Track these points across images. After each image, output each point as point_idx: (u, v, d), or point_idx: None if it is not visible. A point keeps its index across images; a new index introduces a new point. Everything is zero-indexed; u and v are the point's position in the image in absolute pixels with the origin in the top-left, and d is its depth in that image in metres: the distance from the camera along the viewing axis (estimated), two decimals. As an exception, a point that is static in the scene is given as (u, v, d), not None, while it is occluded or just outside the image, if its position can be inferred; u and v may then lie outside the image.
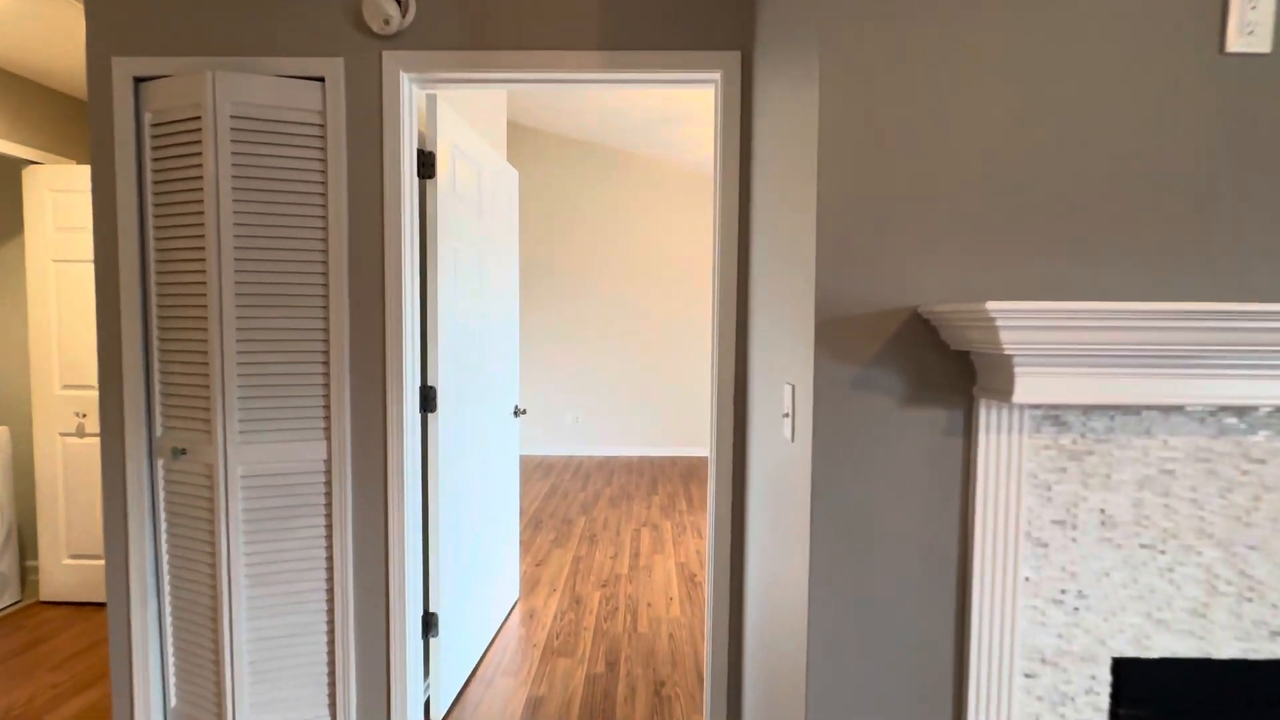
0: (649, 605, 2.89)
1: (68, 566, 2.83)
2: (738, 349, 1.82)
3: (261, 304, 1.74)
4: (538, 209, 6.08)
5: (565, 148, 6.00)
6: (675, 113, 4.72)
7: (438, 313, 1.96)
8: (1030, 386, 0.91)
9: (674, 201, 6.07)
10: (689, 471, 5.59)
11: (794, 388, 1.19)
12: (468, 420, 2.23)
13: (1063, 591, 1.04)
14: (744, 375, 1.82)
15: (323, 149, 1.77)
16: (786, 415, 1.23)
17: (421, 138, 1.99)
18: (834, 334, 1.04)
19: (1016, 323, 0.84)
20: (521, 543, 3.72)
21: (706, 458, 6.08)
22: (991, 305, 0.82)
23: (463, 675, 2.20)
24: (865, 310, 1.04)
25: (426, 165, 1.93)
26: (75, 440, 2.79)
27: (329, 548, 1.84)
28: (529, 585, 3.12)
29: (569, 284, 6.14)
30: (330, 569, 1.84)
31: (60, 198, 2.74)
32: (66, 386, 2.78)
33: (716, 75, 1.77)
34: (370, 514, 1.86)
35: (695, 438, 6.24)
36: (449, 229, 2.03)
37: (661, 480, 5.27)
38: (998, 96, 1.02)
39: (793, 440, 1.20)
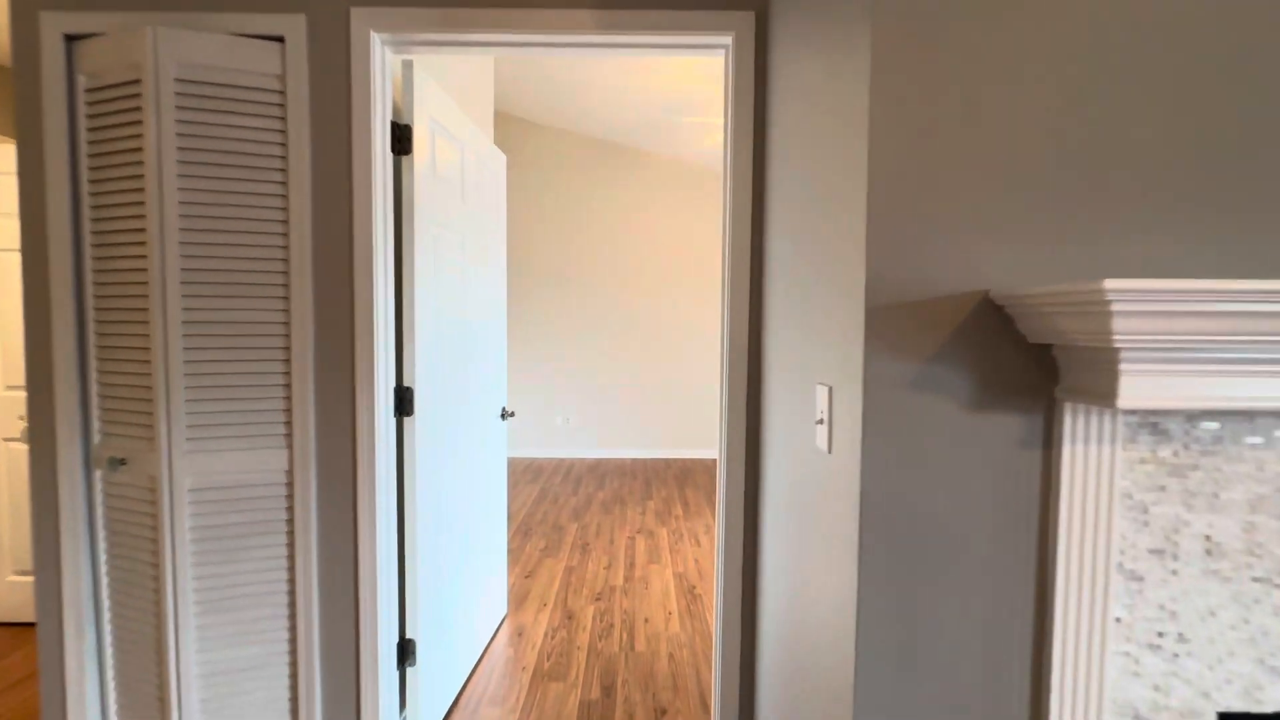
0: (646, 621, 2.71)
1: (12, 584, 2.59)
2: (750, 347, 1.64)
3: (212, 294, 1.53)
4: (525, 203, 5.87)
5: (556, 140, 5.80)
6: (675, 102, 4.54)
7: (415, 306, 1.76)
8: (1138, 387, 0.74)
9: (670, 198, 5.89)
10: (683, 474, 5.42)
11: (831, 390, 1.01)
12: (449, 424, 2.03)
13: (1160, 634, 0.87)
14: (757, 376, 1.64)
15: (283, 118, 1.56)
16: (820, 421, 1.04)
17: (396, 109, 1.79)
18: (887, 325, 0.86)
19: (1139, 306, 0.67)
20: (509, 552, 3.52)
21: (701, 460, 5.90)
22: (1111, 284, 0.64)
23: (443, 707, 2.00)
24: (924, 296, 0.86)
25: (402, 140, 1.72)
26: (20, 446, 2.56)
27: (291, 569, 1.63)
28: (517, 599, 2.92)
29: (558, 282, 5.94)
30: (292, 593, 1.64)
31: None
32: (10, 388, 2.55)
33: (727, 39, 1.58)
34: (338, 531, 1.65)
35: (689, 439, 6.07)
36: (428, 213, 1.83)
37: (655, 484, 5.09)
38: (1086, 44, 0.84)
39: (830, 450, 1.01)
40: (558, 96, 4.89)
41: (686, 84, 4.19)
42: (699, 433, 6.08)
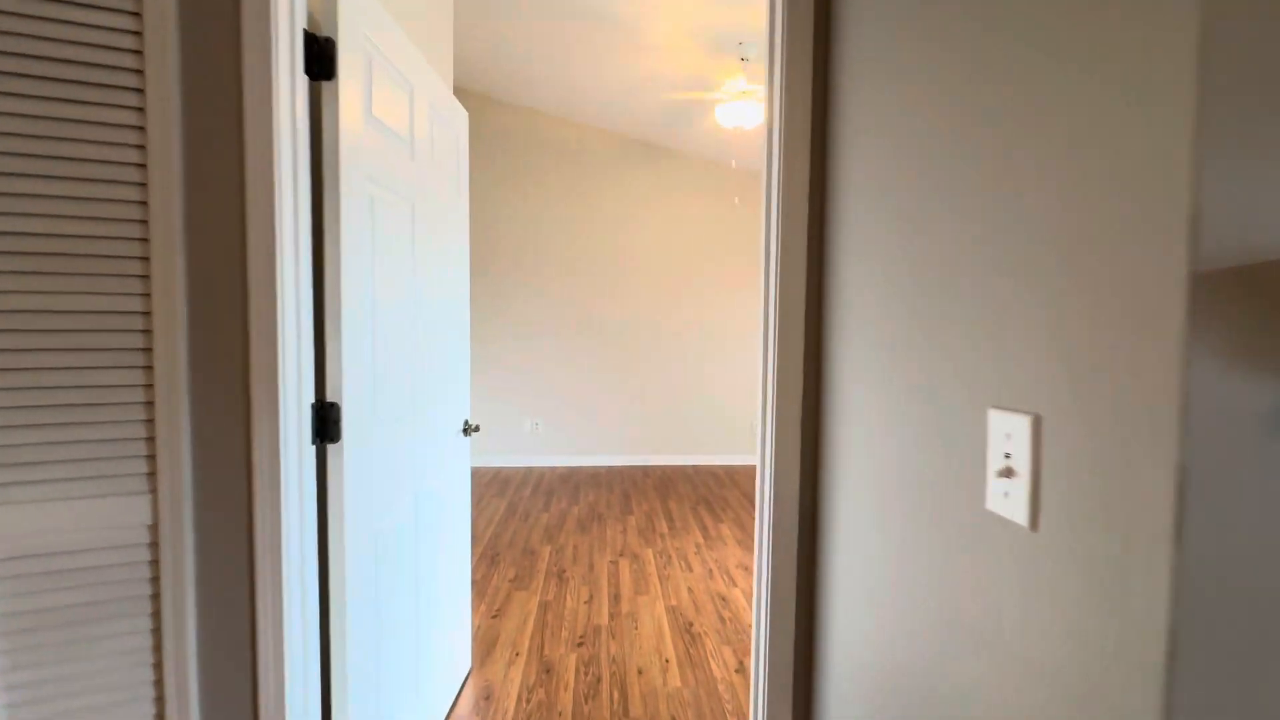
0: (640, 672, 2.27)
1: None
2: (809, 348, 1.22)
3: (21, 271, 1.03)
4: (487, 188, 5.36)
5: (526, 121, 5.30)
6: (662, 77, 4.11)
7: (342, 292, 1.28)
8: None
9: (654, 189, 5.46)
10: (664, 484, 5.00)
11: (1037, 421, 0.59)
12: (393, 447, 1.56)
13: None
14: (815, 388, 1.22)
15: (138, 13, 1.07)
16: (1007, 473, 0.63)
17: (313, 20, 1.31)
18: (1232, 309, 0.45)
19: None
20: (473, 582, 3.04)
21: (681, 467, 5.49)
22: None
23: (388, 820, 1.53)
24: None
25: (321, 60, 1.24)
26: None
27: (157, 666, 1.14)
28: (484, 648, 2.45)
29: (526, 277, 5.44)
30: (160, 699, 1.14)
31: None
32: None
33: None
34: (227, 605, 1.17)
35: (666, 445, 5.65)
36: (362, 165, 1.36)
37: (635, 496, 4.65)
38: None
39: (1035, 525, 0.60)
40: (527, 69, 4.40)
41: (675, 60, 3.77)
42: (679, 438, 5.67)
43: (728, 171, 5.46)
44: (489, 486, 4.85)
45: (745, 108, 3.47)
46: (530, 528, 3.87)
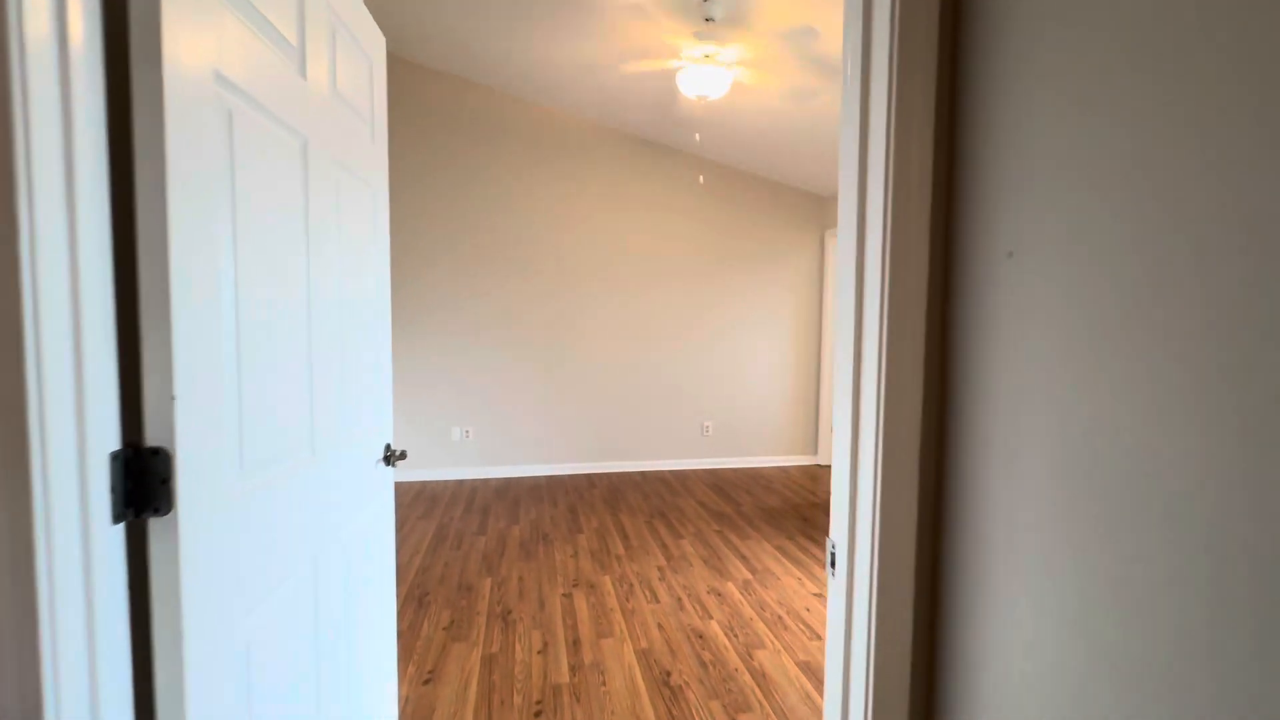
0: (616, 749, 1.84)
1: None
2: (930, 348, 0.82)
3: None
4: (409, 164, 4.71)
5: (458, 93, 4.68)
6: (611, 48, 3.64)
7: (172, 268, 0.76)
8: None
9: (604, 176, 4.98)
10: (613, 495, 4.56)
11: None
12: (273, 502, 1.04)
13: None
14: (938, 395, 0.83)
15: None
16: None
17: None
18: None
19: None
20: (399, 633, 2.49)
21: (628, 474, 5.08)
22: None
23: None
24: None
25: None
26: None
27: None
28: (414, 728, 1.93)
29: (453, 266, 4.84)
30: None
31: None
32: None
33: None
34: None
35: (612, 451, 5.22)
36: (209, 52, 0.84)
37: (582, 509, 4.19)
38: None
39: None
40: (460, 34, 3.82)
41: (629, 29, 3.32)
42: (625, 443, 5.25)
43: (688, 154, 5.09)
44: (413, 505, 4.23)
45: (709, 74, 3.08)
46: (465, 556, 3.33)
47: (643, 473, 5.22)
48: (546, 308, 5.01)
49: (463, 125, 4.74)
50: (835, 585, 0.92)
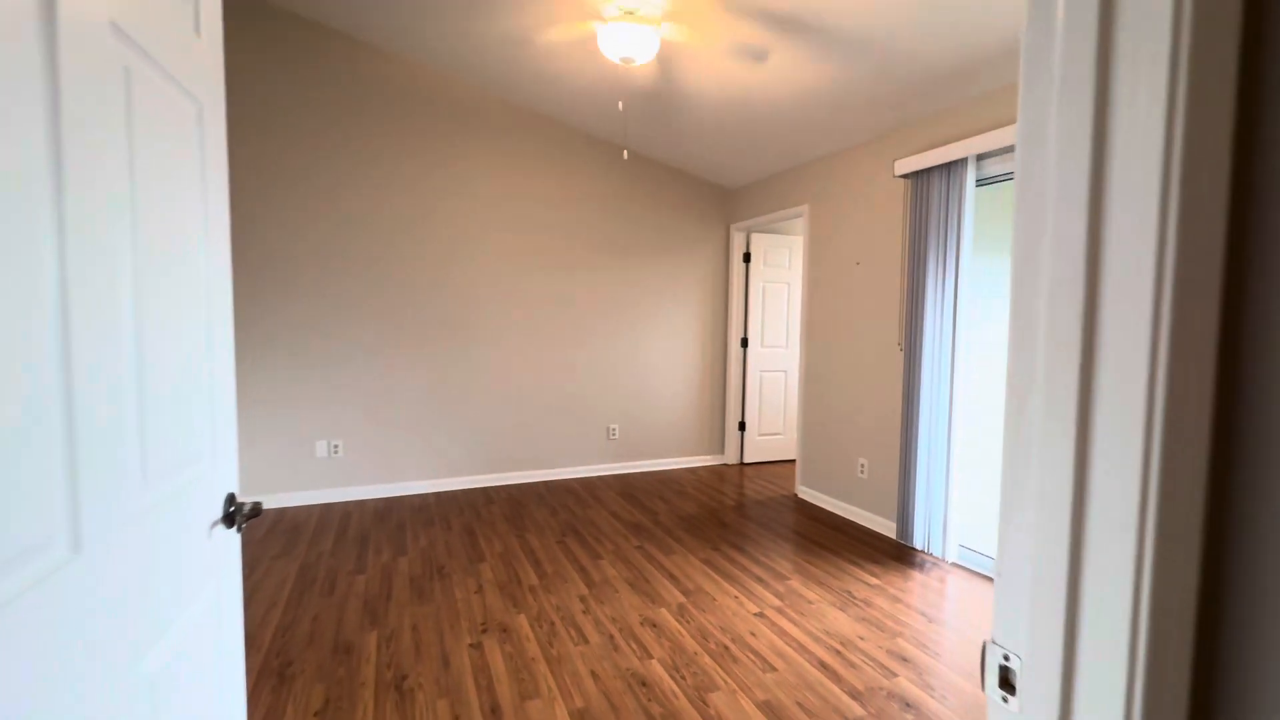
0: None
1: None
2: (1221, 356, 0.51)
3: None
4: (257, 128, 3.86)
5: (317, 43, 3.88)
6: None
7: None
8: None
9: (506, 153, 4.40)
10: (515, 510, 4.06)
11: None
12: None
13: None
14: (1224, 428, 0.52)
15: None
16: None
17: None
18: None
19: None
20: (251, 731, 1.87)
21: (532, 484, 4.60)
22: None
23: None
24: None
25: None
26: None
27: None
28: None
29: (311, 253, 4.06)
30: None
31: None
32: None
33: None
34: None
35: (512, 459, 4.71)
36: None
37: (482, 531, 3.66)
38: None
39: None
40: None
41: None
42: (527, 451, 4.75)
43: (602, 139, 4.66)
44: (269, 540, 3.45)
45: (633, 32, 2.71)
46: (341, 604, 2.70)
47: (546, 483, 4.75)
48: (434, 303, 4.37)
49: (328, 86, 3.97)
50: None
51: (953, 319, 3.15)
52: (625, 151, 2.73)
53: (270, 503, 4.02)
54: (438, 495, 4.37)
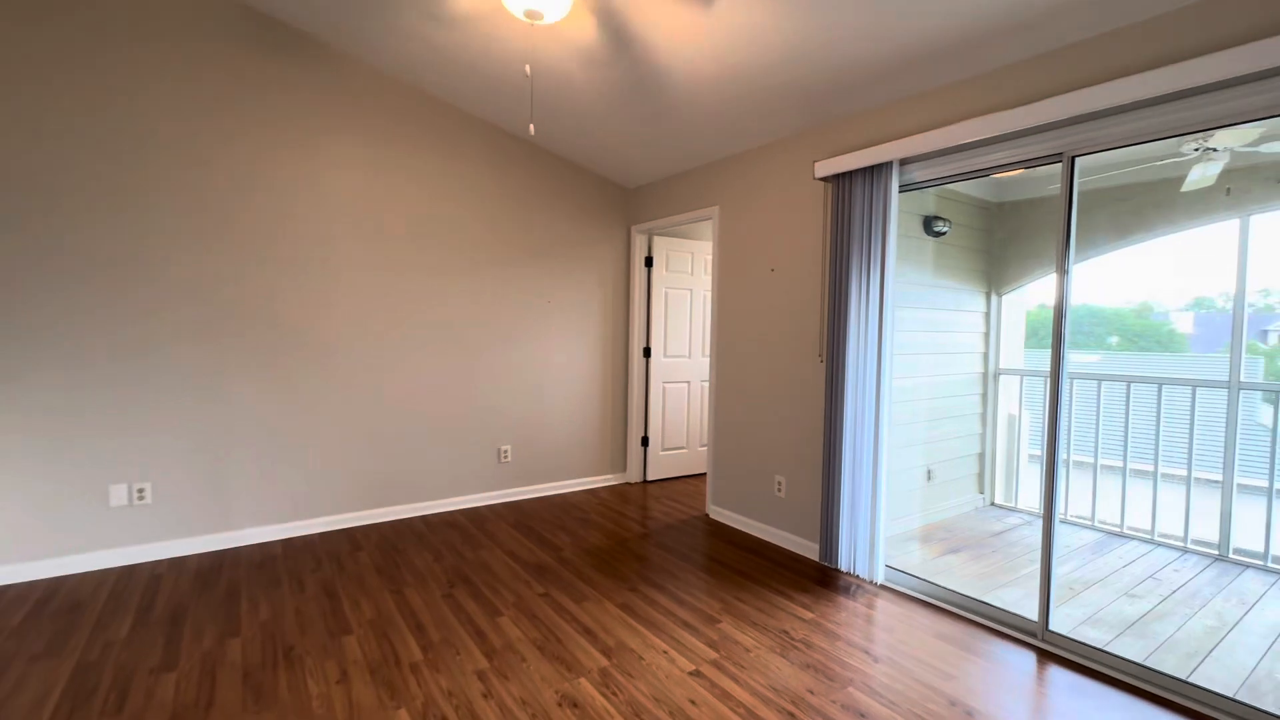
0: None
1: None
2: None
3: None
4: (25, 95, 2.87)
5: (93, -48, 2.96)
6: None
7: None
8: None
9: (362, 130, 3.66)
10: (389, 557, 3.37)
11: None
12: None
13: None
14: None
15: None
16: None
17: None
18: None
19: None
20: None
21: (408, 522, 3.91)
22: None
23: None
24: None
25: None
26: None
27: None
28: None
29: (99, 238, 3.11)
30: None
31: None
32: None
33: None
34: None
35: (384, 492, 3.97)
36: None
37: (346, 589, 2.95)
38: None
39: None
40: None
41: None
42: (403, 482, 4.03)
43: (488, 123, 4.06)
44: (28, 630, 2.50)
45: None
46: (133, 725, 1.93)
47: (426, 518, 4.06)
48: (281, 306, 3.56)
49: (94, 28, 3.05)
50: None
51: (878, 329, 3.00)
52: (531, 126, 2.25)
53: (34, 573, 2.99)
54: (287, 544, 3.54)
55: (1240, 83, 1.97)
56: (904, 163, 2.95)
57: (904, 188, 3.02)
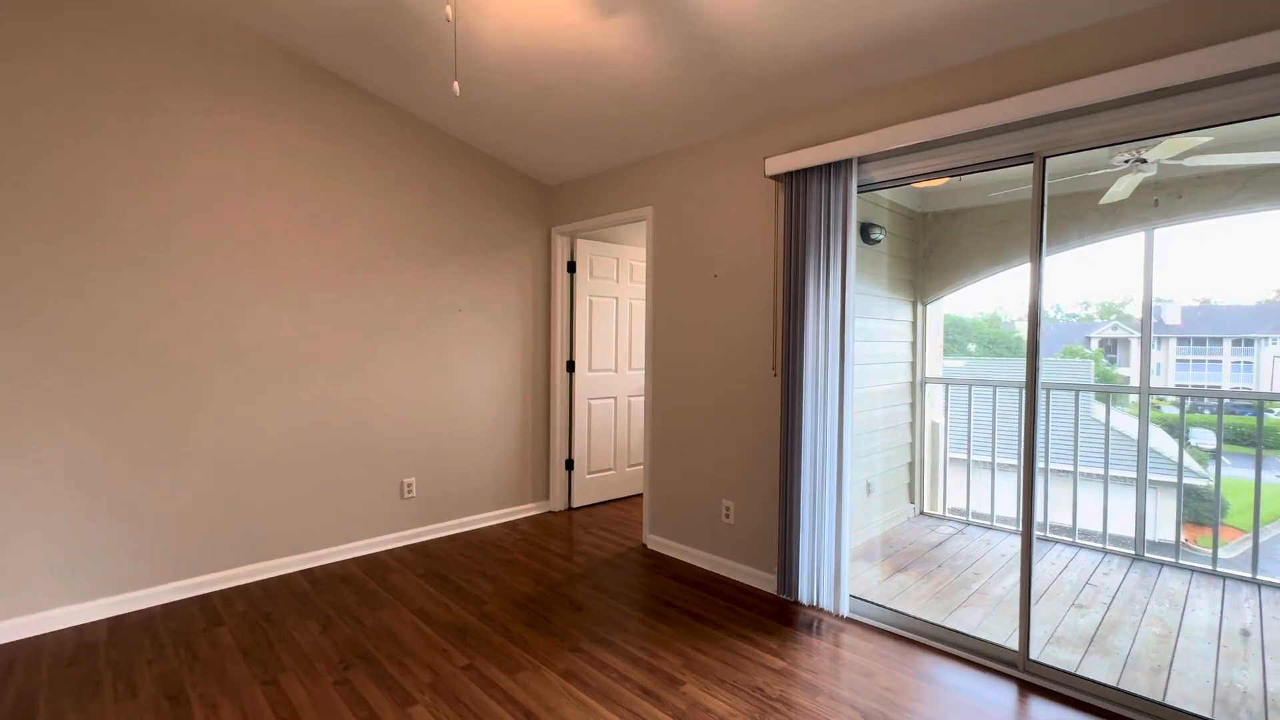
0: None
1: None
2: None
3: None
4: None
5: None
6: None
7: None
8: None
9: (209, 99, 2.93)
10: (261, 633, 2.66)
11: None
12: None
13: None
14: None
15: None
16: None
17: None
18: None
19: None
20: None
21: (285, 578, 3.21)
22: None
23: None
24: None
25: None
26: None
27: None
28: None
29: None
30: None
31: None
32: None
33: None
34: None
35: (256, 542, 3.22)
36: None
37: (196, 684, 2.24)
38: None
39: None
40: None
41: None
42: (279, 528, 3.29)
43: (395, 106, 3.43)
44: None
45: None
46: None
47: (310, 573, 3.34)
48: (101, 312, 2.75)
49: None
50: None
51: (840, 338, 2.77)
52: (456, 84, 1.77)
53: None
54: (115, 625, 2.72)
55: (1221, 83, 1.90)
56: (863, 161, 2.75)
57: (862, 188, 2.82)
